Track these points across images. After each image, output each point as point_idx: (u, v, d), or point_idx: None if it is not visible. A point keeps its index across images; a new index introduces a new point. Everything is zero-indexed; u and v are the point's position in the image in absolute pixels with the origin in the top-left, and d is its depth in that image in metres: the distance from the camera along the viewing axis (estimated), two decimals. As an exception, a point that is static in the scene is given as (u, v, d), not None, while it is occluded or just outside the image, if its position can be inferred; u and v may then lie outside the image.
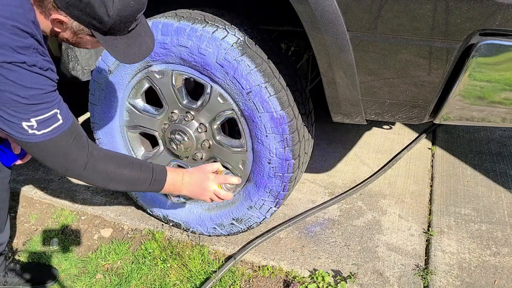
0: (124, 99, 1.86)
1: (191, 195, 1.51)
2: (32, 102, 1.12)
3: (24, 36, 1.08)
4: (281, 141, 1.60)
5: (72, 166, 1.24)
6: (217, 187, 1.51)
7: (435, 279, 1.80)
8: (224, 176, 1.54)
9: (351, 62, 1.32)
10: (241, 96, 1.57)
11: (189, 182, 1.48)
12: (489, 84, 1.26)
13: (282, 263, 1.89)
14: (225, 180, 1.53)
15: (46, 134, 1.16)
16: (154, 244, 2.00)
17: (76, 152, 1.23)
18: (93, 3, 1.08)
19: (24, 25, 1.08)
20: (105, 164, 1.30)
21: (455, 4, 1.14)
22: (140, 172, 1.37)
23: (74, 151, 1.23)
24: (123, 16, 1.12)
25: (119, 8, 1.10)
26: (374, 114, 1.48)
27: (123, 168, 1.33)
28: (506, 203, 2.25)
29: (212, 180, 1.51)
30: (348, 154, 2.71)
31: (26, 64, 1.08)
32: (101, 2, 1.08)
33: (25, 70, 1.09)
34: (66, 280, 1.88)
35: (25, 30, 1.08)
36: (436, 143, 2.79)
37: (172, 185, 1.44)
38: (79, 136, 1.24)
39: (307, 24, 1.29)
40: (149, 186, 1.40)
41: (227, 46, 1.52)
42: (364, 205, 2.24)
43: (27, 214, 2.26)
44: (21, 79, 1.09)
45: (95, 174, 1.29)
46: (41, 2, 1.11)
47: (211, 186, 1.50)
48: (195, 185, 1.49)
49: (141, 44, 1.21)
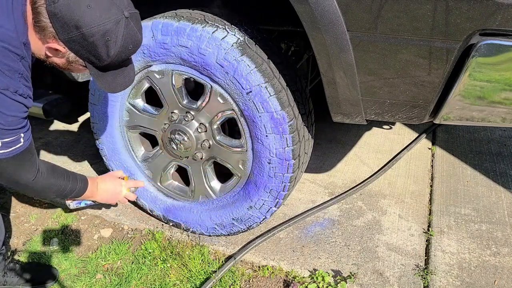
0: (124, 99, 1.86)
1: (102, 200, 1.68)
2: (6, 127, 1.17)
3: (13, 59, 1.11)
4: (281, 141, 1.60)
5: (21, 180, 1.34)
6: (126, 191, 1.71)
7: (435, 279, 1.80)
8: (133, 181, 1.76)
9: (351, 62, 1.32)
10: (241, 96, 1.57)
11: (103, 189, 1.65)
12: (489, 84, 1.26)
13: (282, 263, 1.89)
14: (135, 184, 1.76)
15: (5, 154, 1.22)
16: (154, 244, 2.00)
17: (28, 168, 1.33)
18: (97, 43, 1.13)
19: (15, 47, 1.11)
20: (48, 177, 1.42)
21: (455, 4, 1.14)
22: (70, 182, 1.51)
23: (26, 167, 1.32)
24: (120, 57, 1.19)
25: (119, 51, 1.16)
26: (374, 114, 1.48)
27: (60, 179, 1.47)
28: (506, 203, 2.25)
29: (124, 186, 1.70)
30: (348, 154, 2.71)
31: (9, 91, 1.13)
32: (104, 43, 1.13)
33: (8, 97, 1.13)
34: (66, 280, 1.88)
35: (16, 53, 1.11)
36: (436, 143, 2.79)
37: (90, 192, 1.59)
38: (32, 153, 1.33)
39: (307, 24, 1.29)
40: (72, 194, 1.54)
41: (227, 46, 1.51)
42: (364, 205, 2.24)
43: (27, 214, 2.26)
44: (3, 106, 1.14)
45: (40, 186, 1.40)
46: (41, 29, 1.13)
47: (123, 191, 1.70)
48: (108, 192, 1.67)
49: (125, 76, 1.29)
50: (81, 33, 1.11)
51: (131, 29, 1.17)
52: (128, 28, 1.16)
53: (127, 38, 1.16)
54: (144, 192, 2.05)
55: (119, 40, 1.15)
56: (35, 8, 1.11)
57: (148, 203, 2.07)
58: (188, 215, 1.98)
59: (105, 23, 1.11)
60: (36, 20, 1.12)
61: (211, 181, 1.90)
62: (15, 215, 2.26)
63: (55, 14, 1.09)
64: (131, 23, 1.16)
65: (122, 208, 2.24)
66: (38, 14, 1.11)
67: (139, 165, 2.02)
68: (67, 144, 2.83)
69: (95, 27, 1.10)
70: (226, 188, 1.87)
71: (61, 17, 1.09)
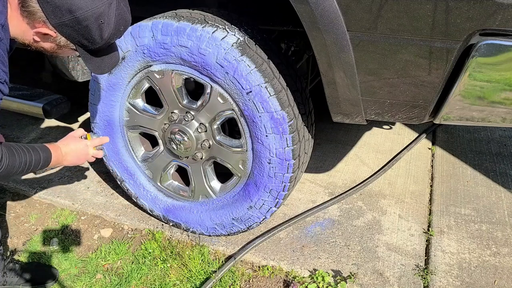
0: (124, 99, 1.86)
1: (70, 163, 1.58)
2: None
3: None
4: (281, 141, 1.60)
5: None
6: (93, 150, 1.61)
7: (435, 279, 1.80)
8: (98, 139, 1.64)
9: (351, 62, 1.32)
10: (241, 96, 1.57)
11: (68, 153, 1.54)
12: (489, 84, 1.26)
13: (282, 263, 1.89)
14: (100, 141, 1.64)
15: None
16: (154, 244, 2.00)
17: None
18: (91, 27, 1.12)
19: None
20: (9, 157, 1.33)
21: (455, 4, 1.14)
22: (33, 155, 1.41)
23: None
24: (112, 39, 1.19)
25: (112, 33, 1.17)
26: (374, 114, 1.48)
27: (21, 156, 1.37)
28: (506, 203, 2.25)
29: (89, 145, 1.60)
30: (348, 154, 2.71)
31: None
32: (98, 26, 1.13)
33: None
34: (66, 280, 1.88)
35: None
36: (436, 143, 2.79)
37: (55, 159, 1.49)
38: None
39: (307, 24, 1.29)
40: (39, 166, 1.44)
41: (227, 46, 1.51)
42: (364, 205, 2.24)
43: (27, 214, 2.26)
44: None
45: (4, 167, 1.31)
46: (29, 13, 1.10)
47: (90, 151, 1.60)
48: (74, 154, 1.56)
49: (112, 57, 1.29)
50: (74, 17, 1.09)
51: (121, 10, 1.17)
52: (119, 9, 1.16)
53: (119, 20, 1.17)
54: (144, 192, 2.05)
55: (112, 22, 1.15)
56: None
57: (148, 203, 2.07)
58: (188, 215, 1.98)
59: (98, 6, 1.10)
60: (23, 5, 1.09)
61: (211, 181, 1.90)
62: (15, 215, 2.26)
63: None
64: (121, 4, 1.17)
65: (122, 208, 2.24)
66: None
67: (139, 165, 2.02)
68: (67, 144, 2.83)
69: (89, 10, 1.09)
70: (226, 188, 1.87)
71: (52, 2, 1.07)
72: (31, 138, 2.88)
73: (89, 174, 2.51)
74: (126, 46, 1.69)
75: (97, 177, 2.49)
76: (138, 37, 1.65)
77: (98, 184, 2.43)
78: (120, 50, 1.70)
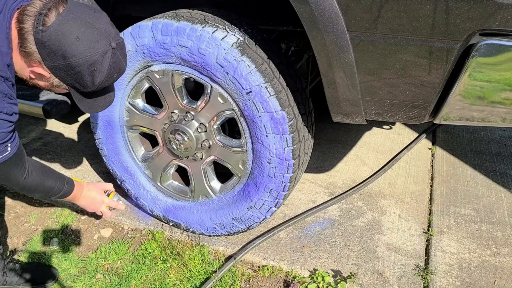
0: (124, 99, 1.86)
1: (82, 205, 1.75)
2: None
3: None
4: (281, 141, 1.60)
5: (12, 180, 1.40)
6: (105, 207, 1.79)
7: (435, 279, 1.80)
8: (115, 203, 1.83)
9: (351, 62, 1.32)
10: (241, 96, 1.57)
11: (87, 196, 1.72)
12: (489, 84, 1.26)
13: (282, 263, 1.89)
14: (116, 205, 1.83)
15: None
16: (154, 244, 2.00)
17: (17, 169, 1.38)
18: (83, 73, 1.17)
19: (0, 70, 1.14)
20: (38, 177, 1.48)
21: (455, 4, 1.14)
22: (58, 183, 1.55)
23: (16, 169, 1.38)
24: (104, 85, 1.24)
25: (104, 79, 1.21)
26: (374, 114, 1.48)
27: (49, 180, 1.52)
28: (506, 203, 2.25)
29: (105, 203, 1.78)
30: (348, 154, 2.71)
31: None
32: (90, 73, 1.17)
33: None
34: (66, 280, 1.88)
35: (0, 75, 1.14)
36: (436, 143, 2.79)
37: (74, 196, 1.65)
38: (21, 157, 1.38)
39: (307, 24, 1.29)
40: (58, 195, 1.58)
41: (227, 46, 1.51)
42: (364, 205, 2.24)
43: (27, 214, 2.26)
44: None
45: (29, 185, 1.46)
46: (27, 54, 1.16)
47: (102, 207, 1.78)
48: (90, 201, 1.74)
49: (106, 98, 1.35)
50: (68, 63, 1.14)
51: (116, 58, 1.21)
52: (114, 58, 1.20)
53: (113, 68, 1.21)
54: (144, 192, 2.05)
55: (104, 70, 1.19)
56: (22, 34, 1.13)
57: (148, 203, 2.07)
58: (188, 215, 1.98)
59: (92, 55, 1.15)
60: (22, 45, 1.15)
61: (211, 181, 1.90)
62: (15, 215, 2.26)
63: (43, 42, 1.12)
64: (117, 53, 1.20)
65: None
66: (24, 40, 1.13)
67: (139, 165, 2.02)
68: (67, 144, 2.83)
69: (82, 58, 1.14)
70: (226, 188, 1.87)
71: (48, 46, 1.12)
72: (31, 138, 2.88)
73: (89, 174, 2.51)
74: (126, 46, 1.68)
75: (97, 177, 2.49)
76: (138, 37, 1.65)
77: (98, 184, 2.43)
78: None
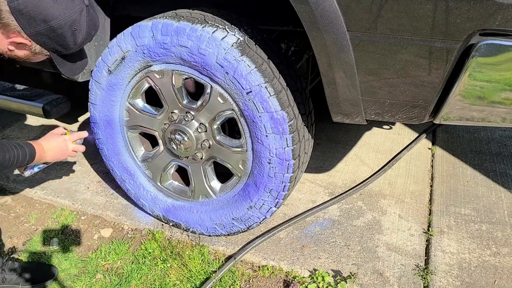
0: (124, 99, 1.86)
1: (52, 159, 1.64)
2: None
3: None
4: (281, 141, 1.60)
5: None
6: (73, 145, 1.69)
7: (435, 279, 1.80)
8: (76, 133, 1.72)
9: (351, 62, 1.32)
10: (241, 96, 1.57)
11: (50, 149, 1.61)
12: (489, 84, 1.26)
13: (282, 263, 1.89)
14: (78, 136, 1.71)
15: None
16: (154, 244, 2.00)
17: None
18: (65, 34, 1.19)
19: None
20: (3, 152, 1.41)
21: (455, 4, 1.14)
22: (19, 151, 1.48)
23: None
24: (84, 44, 1.27)
25: (84, 38, 1.24)
26: (374, 114, 1.48)
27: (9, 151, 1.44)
28: (506, 203, 2.25)
29: (68, 140, 1.67)
30: (348, 154, 2.71)
31: None
32: (72, 33, 1.20)
33: None
34: (66, 280, 1.88)
35: None
36: (436, 143, 2.79)
37: (39, 154, 1.55)
38: None
39: (307, 24, 1.29)
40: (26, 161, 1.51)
41: (227, 46, 1.51)
42: (364, 205, 2.24)
43: (27, 214, 2.26)
44: None
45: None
46: (3, 25, 1.15)
47: (69, 146, 1.67)
48: (55, 150, 1.63)
49: (82, 60, 1.39)
50: (49, 26, 1.15)
51: (91, 15, 1.24)
52: (90, 15, 1.23)
53: (90, 25, 1.24)
54: (144, 192, 2.05)
55: (84, 28, 1.22)
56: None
57: (148, 203, 2.07)
58: (188, 215, 1.98)
59: (71, 15, 1.17)
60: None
61: (211, 181, 1.90)
62: (15, 215, 2.26)
63: (20, 10, 1.12)
64: (90, 10, 1.24)
65: (122, 208, 2.24)
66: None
67: (139, 165, 2.02)
68: (67, 144, 2.83)
69: (63, 19, 1.16)
70: (226, 188, 1.87)
71: (27, 13, 1.12)
72: (31, 138, 2.87)
73: (89, 174, 2.51)
74: (126, 46, 1.69)
75: (97, 177, 2.49)
76: (138, 37, 1.65)
77: (98, 184, 2.43)
78: (120, 50, 1.71)
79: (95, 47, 1.99)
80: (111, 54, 1.74)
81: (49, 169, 2.54)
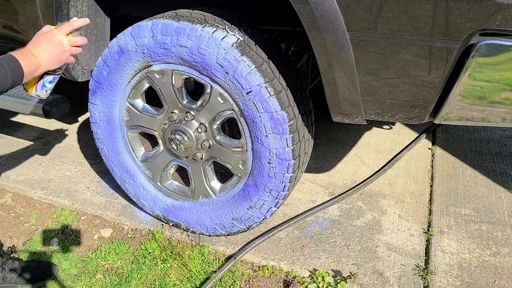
0: (124, 99, 1.86)
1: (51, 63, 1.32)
2: None
3: None
4: (281, 141, 1.60)
5: None
6: (67, 38, 1.34)
7: (435, 279, 1.80)
8: (67, 24, 1.36)
9: (351, 62, 1.32)
10: (241, 96, 1.57)
11: (42, 51, 1.29)
12: (489, 84, 1.26)
13: (282, 263, 1.89)
14: (70, 26, 1.36)
15: None
16: (154, 244, 2.00)
17: None
18: None
19: None
20: None
21: (455, 4, 1.14)
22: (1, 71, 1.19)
23: None
24: None
25: None
26: (374, 114, 1.48)
27: None
28: (506, 203, 2.25)
29: (58, 33, 1.33)
30: (348, 154, 2.71)
31: None
32: None
33: None
34: (66, 280, 1.88)
35: None
36: (436, 143, 2.79)
37: (30, 65, 1.26)
38: None
39: (307, 24, 1.29)
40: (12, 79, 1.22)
41: (227, 46, 1.51)
42: (364, 205, 2.24)
43: (27, 214, 2.26)
44: None
45: None
46: None
47: (63, 40, 1.33)
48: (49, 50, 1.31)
49: None
50: None
51: None
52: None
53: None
54: (144, 192, 2.05)
55: None
56: None
57: (148, 203, 2.07)
58: (188, 215, 1.98)
59: None
60: None
61: (211, 181, 1.90)
62: (15, 215, 2.26)
63: None
64: None
65: (122, 208, 2.24)
66: None
67: (139, 165, 2.02)
68: (67, 144, 2.83)
69: None
70: (226, 188, 1.87)
71: None
72: (31, 138, 2.88)
73: (89, 174, 2.51)
74: (126, 46, 1.69)
75: (97, 177, 2.49)
76: (138, 37, 1.65)
77: (98, 184, 2.43)
78: (120, 50, 1.71)
79: (95, 47, 1.99)
80: (111, 54, 1.74)
81: (48, 168, 2.54)
